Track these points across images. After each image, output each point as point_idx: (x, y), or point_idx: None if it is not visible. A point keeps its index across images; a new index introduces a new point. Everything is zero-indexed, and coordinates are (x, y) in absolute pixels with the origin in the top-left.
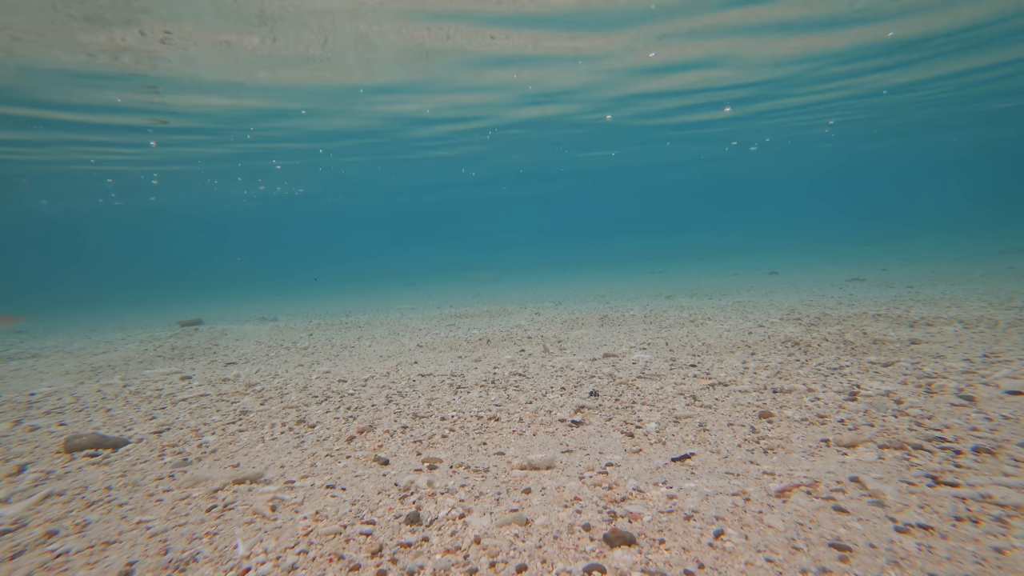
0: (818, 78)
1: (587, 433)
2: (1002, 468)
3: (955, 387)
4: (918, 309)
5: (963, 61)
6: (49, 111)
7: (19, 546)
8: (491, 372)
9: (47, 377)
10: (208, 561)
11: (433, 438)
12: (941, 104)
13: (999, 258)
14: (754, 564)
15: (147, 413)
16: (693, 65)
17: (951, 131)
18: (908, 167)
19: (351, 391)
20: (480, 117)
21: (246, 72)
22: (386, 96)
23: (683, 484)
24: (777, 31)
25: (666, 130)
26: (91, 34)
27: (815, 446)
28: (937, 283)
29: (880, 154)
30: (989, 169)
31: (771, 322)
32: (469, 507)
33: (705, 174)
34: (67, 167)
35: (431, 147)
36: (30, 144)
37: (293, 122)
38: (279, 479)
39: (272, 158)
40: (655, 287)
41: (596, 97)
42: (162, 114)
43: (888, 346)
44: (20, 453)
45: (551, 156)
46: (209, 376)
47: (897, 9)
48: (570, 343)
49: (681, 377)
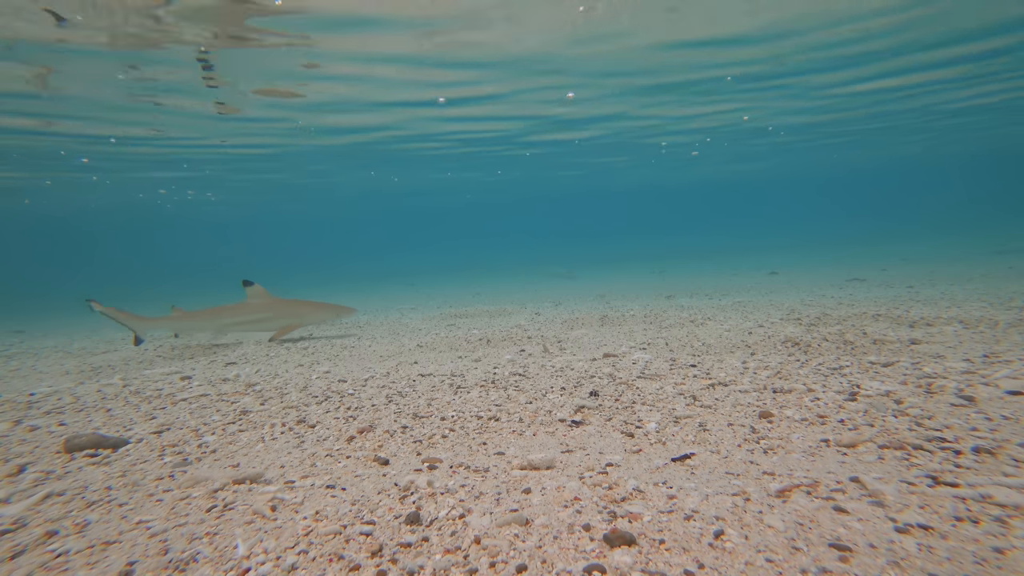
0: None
1: (587, 433)
2: (1002, 468)
3: (955, 387)
4: (918, 309)
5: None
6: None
7: (19, 546)
8: (491, 372)
9: (47, 377)
10: (208, 561)
11: (433, 438)
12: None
13: (998, 258)
14: (754, 564)
15: (147, 413)
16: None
17: (954, 132)
18: (909, 167)
19: (351, 391)
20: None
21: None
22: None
23: (683, 484)
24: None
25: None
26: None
27: (815, 446)
28: (937, 283)
29: (881, 154)
30: (990, 169)
31: (771, 322)
32: (469, 507)
33: (705, 174)
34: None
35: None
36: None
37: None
38: (279, 479)
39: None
40: (655, 287)
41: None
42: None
43: (888, 346)
44: (20, 453)
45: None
46: (209, 376)
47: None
48: (570, 343)
49: (681, 377)
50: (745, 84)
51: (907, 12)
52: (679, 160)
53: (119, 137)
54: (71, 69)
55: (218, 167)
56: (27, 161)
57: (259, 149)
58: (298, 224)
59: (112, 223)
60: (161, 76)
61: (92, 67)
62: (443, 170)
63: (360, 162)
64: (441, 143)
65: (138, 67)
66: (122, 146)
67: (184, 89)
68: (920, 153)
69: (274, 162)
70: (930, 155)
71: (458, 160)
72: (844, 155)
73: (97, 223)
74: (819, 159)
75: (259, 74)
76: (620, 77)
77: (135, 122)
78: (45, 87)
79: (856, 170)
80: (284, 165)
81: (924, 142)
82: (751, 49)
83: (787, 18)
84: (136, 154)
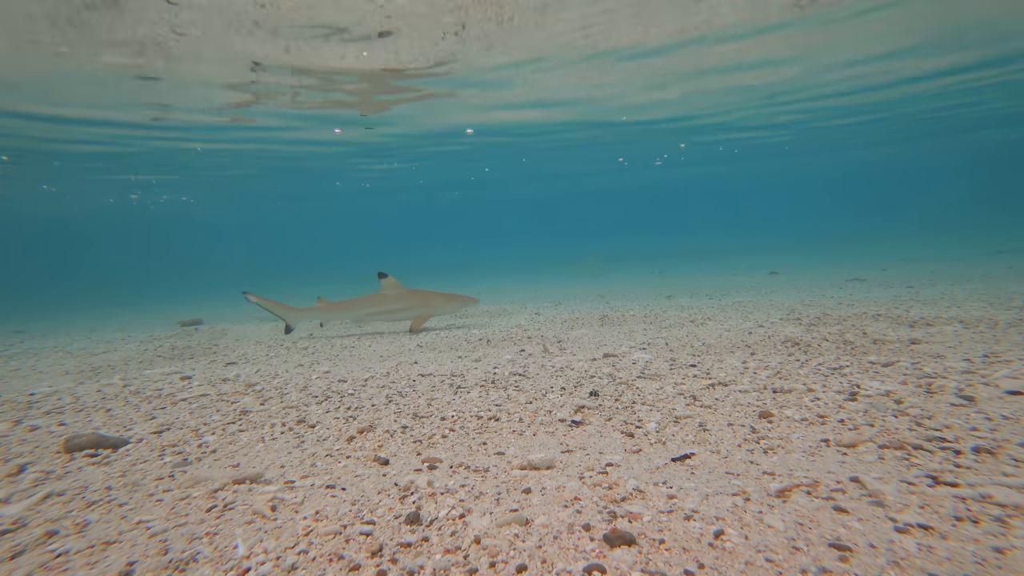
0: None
1: (587, 433)
2: (1002, 468)
3: (955, 387)
4: (918, 309)
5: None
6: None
7: (19, 546)
8: (491, 372)
9: (47, 377)
10: (208, 561)
11: (433, 438)
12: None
13: (999, 258)
14: (754, 564)
15: (147, 413)
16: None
17: (953, 132)
18: (909, 167)
19: (351, 391)
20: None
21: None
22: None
23: (683, 484)
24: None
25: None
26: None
27: (815, 446)
28: (937, 283)
29: (881, 155)
30: (990, 169)
31: (771, 322)
32: (469, 507)
33: (703, 174)
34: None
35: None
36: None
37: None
38: (279, 479)
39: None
40: (655, 287)
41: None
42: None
43: (888, 346)
44: (20, 453)
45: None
46: (209, 376)
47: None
48: (570, 343)
49: (681, 377)
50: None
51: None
52: (679, 160)
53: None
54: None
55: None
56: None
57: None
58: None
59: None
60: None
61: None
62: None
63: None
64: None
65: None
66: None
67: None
68: (920, 153)
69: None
70: (930, 154)
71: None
72: (844, 155)
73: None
74: (820, 159)
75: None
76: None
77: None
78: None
79: (855, 170)
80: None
81: (924, 142)
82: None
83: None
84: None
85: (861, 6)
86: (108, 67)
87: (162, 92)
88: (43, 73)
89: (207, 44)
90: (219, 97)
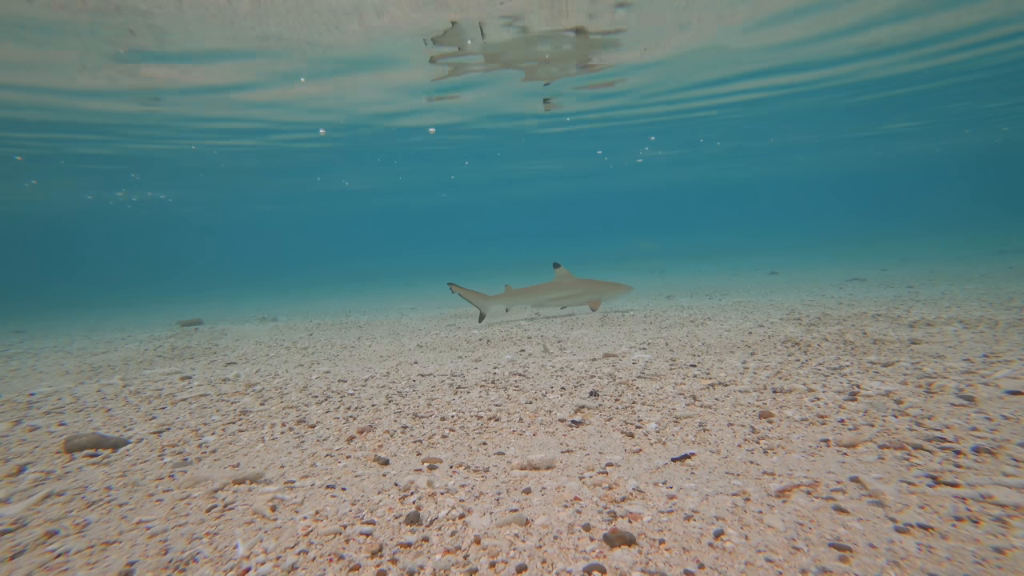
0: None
1: (587, 433)
2: (1002, 468)
3: (955, 387)
4: (918, 309)
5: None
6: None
7: (19, 546)
8: (491, 372)
9: (47, 377)
10: (208, 561)
11: (433, 438)
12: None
13: (999, 258)
14: (754, 564)
15: (147, 413)
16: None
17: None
18: (909, 167)
19: (351, 391)
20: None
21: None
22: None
23: (683, 484)
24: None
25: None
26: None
27: (815, 446)
28: (937, 283)
29: (882, 156)
30: (991, 169)
31: (771, 322)
32: (469, 507)
33: (705, 174)
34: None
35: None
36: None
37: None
38: (279, 479)
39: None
40: (655, 287)
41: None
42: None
43: (888, 346)
44: (20, 453)
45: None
46: (209, 376)
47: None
48: (570, 343)
49: (681, 377)
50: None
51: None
52: (678, 158)
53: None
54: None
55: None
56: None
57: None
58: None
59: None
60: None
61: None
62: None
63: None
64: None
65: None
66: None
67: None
68: (920, 152)
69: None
70: (930, 154)
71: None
72: (845, 154)
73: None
74: (822, 159)
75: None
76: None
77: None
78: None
79: (857, 169)
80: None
81: (923, 141)
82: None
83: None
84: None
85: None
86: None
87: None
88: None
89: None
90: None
